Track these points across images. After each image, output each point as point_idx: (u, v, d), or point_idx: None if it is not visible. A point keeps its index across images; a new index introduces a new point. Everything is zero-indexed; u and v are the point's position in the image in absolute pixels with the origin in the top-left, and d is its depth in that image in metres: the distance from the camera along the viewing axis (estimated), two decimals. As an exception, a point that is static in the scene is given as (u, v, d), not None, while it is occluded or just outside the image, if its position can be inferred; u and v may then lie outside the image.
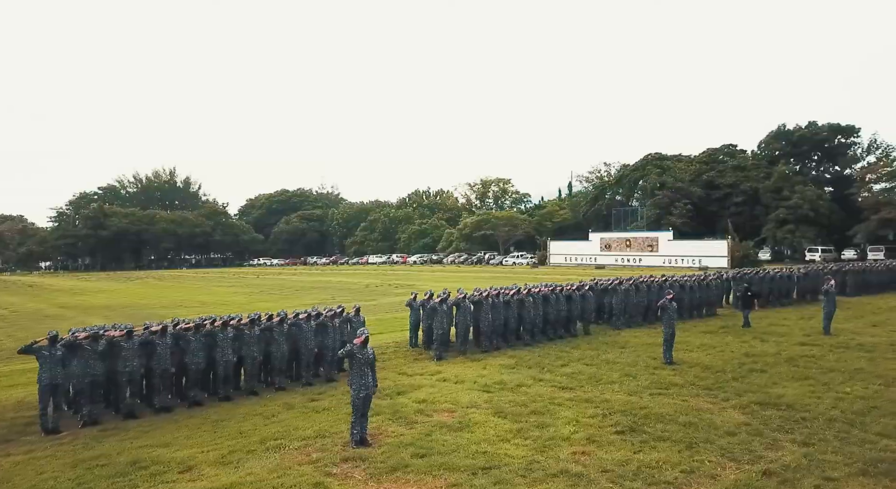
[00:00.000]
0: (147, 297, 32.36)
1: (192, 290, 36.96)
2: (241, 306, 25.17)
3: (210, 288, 39.42)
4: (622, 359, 13.11)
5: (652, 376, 11.48)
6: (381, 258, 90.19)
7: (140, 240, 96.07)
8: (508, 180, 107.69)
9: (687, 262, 53.43)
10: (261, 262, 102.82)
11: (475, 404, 9.78)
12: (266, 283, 42.92)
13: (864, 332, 16.30)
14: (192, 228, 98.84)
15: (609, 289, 18.00)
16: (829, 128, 66.09)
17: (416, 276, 48.86)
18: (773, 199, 62.36)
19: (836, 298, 16.42)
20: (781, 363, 12.49)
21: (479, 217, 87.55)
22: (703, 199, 69.66)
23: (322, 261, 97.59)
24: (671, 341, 12.77)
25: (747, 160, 70.70)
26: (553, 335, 16.08)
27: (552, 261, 65.81)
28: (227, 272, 71.92)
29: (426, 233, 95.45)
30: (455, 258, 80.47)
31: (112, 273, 78.23)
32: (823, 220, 59.61)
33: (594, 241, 63.01)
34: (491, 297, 14.57)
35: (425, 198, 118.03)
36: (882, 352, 13.47)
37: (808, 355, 13.26)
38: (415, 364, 13.13)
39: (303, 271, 69.98)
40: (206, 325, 10.01)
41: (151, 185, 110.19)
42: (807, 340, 15.18)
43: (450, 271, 58.53)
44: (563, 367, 12.43)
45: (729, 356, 13.34)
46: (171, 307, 25.79)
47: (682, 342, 15.18)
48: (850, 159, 65.60)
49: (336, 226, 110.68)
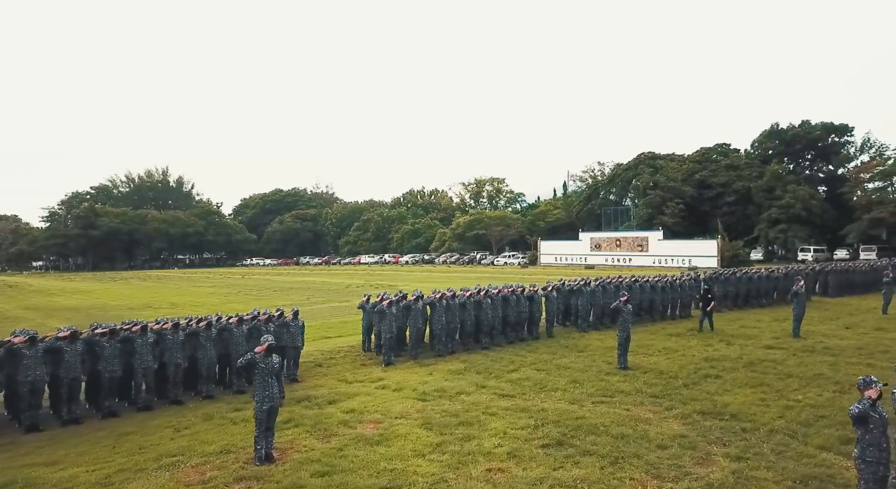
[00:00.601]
0: (120, 299, 31.84)
1: (170, 291, 36.44)
2: (212, 308, 24.70)
3: (190, 289, 38.91)
4: (576, 364, 12.62)
5: (600, 383, 10.99)
6: (373, 258, 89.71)
7: (132, 240, 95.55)
8: (503, 180, 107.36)
9: (677, 262, 52.98)
10: (254, 262, 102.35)
11: (405, 414, 9.28)
12: (248, 284, 42.43)
13: (834, 335, 15.81)
14: (185, 228, 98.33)
15: (575, 290, 17.50)
16: (822, 127, 65.52)
17: (402, 277, 48.37)
18: (766, 199, 61.87)
19: (805, 300, 15.90)
20: (739, 368, 11.99)
21: (472, 217, 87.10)
22: (695, 198, 69.11)
23: (315, 262, 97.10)
24: (626, 345, 12.27)
25: (740, 159, 70.15)
26: (514, 337, 15.59)
27: (543, 261, 65.32)
28: (215, 272, 71.42)
29: (419, 232, 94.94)
30: (447, 258, 79.99)
31: (101, 273, 77.72)
32: (816, 219, 59.06)
33: (584, 241, 62.52)
34: (445, 299, 14.07)
35: (420, 197, 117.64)
36: (846, 357, 12.97)
37: (770, 359, 12.76)
38: (360, 370, 12.63)
39: (292, 271, 69.49)
40: (121, 331, 9.50)
41: (144, 184, 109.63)
42: (774, 343, 14.69)
43: (439, 271, 58.05)
44: (512, 373, 11.94)
45: (688, 360, 12.85)
46: (138, 309, 25.27)
47: (644, 345, 14.75)
48: (844, 158, 65.06)
49: (329, 225, 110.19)
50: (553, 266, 62.23)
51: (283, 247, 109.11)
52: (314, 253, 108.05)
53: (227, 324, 10.63)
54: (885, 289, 20.05)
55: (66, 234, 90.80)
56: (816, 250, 56.69)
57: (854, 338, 15.24)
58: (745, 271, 24.25)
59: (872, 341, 14.77)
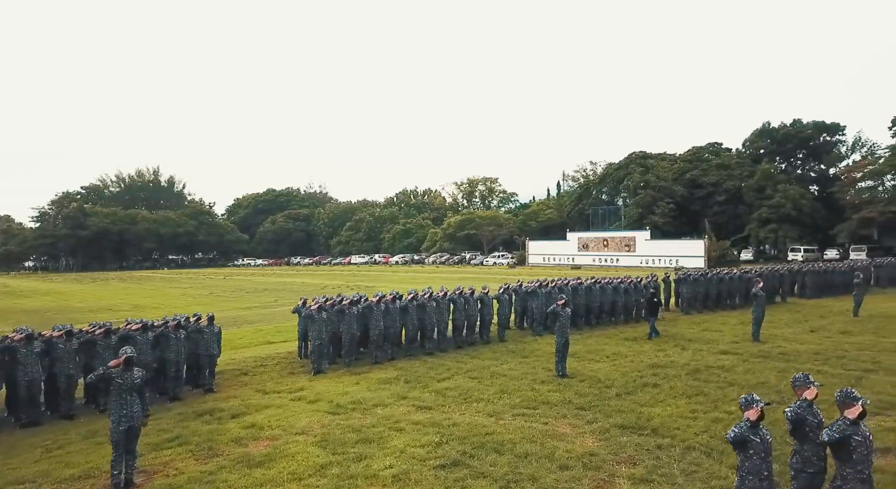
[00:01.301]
0: (88, 300, 31.28)
1: (143, 293, 35.85)
2: (175, 309, 24.17)
3: (165, 290, 38.33)
4: (513, 372, 12.00)
5: (530, 393, 10.36)
6: (363, 258, 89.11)
7: (122, 240, 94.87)
8: (495, 179, 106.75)
9: (664, 262, 52.35)
10: (245, 263, 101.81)
11: (307, 430, 8.66)
12: (226, 285, 41.84)
13: (796, 339, 15.17)
14: (175, 228, 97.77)
15: (529, 292, 16.89)
16: (813, 126, 64.83)
17: (385, 277, 47.77)
18: (756, 198, 61.22)
19: (765, 302, 15.27)
20: (682, 376, 11.37)
21: (463, 216, 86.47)
22: (685, 198, 68.50)
23: (305, 262, 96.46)
24: (564, 351, 11.65)
25: (731, 159, 69.50)
26: (462, 342, 14.97)
27: (531, 261, 64.70)
28: (202, 273, 70.81)
29: (410, 232, 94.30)
30: (437, 258, 79.36)
31: (88, 274, 77.20)
32: (806, 219, 58.40)
33: (572, 241, 61.89)
34: (384, 303, 13.46)
35: (413, 197, 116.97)
36: (800, 363, 12.34)
37: (719, 366, 12.14)
38: (285, 379, 12.00)
39: (278, 272, 68.89)
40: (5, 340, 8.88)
41: (135, 184, 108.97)
42: (730, 348, 14.06)
43: (426, 272, 57.41)
44: (443, 382, 11.32)
45: (632, 367, 12.23)
46: (98, 311, 24.71)
47: (594, 350, 14.18)
48: (835, 158, 64.40)
49: (322, 225, 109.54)
50: (541, 266, 61.61)
51: (276, 247, 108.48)
52: (307, 253, 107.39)
53: (129, 332, 9.98)
54: (855, 291, 19.42)
55: (55, 235, 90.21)
56: (807, 250, 56.02)
57: (815, 343, 14.62)
58: (717, 272, 23.60)
59: (833, 346, 14.14)
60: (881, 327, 16.76)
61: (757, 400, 4.84)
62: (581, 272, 44.43)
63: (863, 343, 14.47)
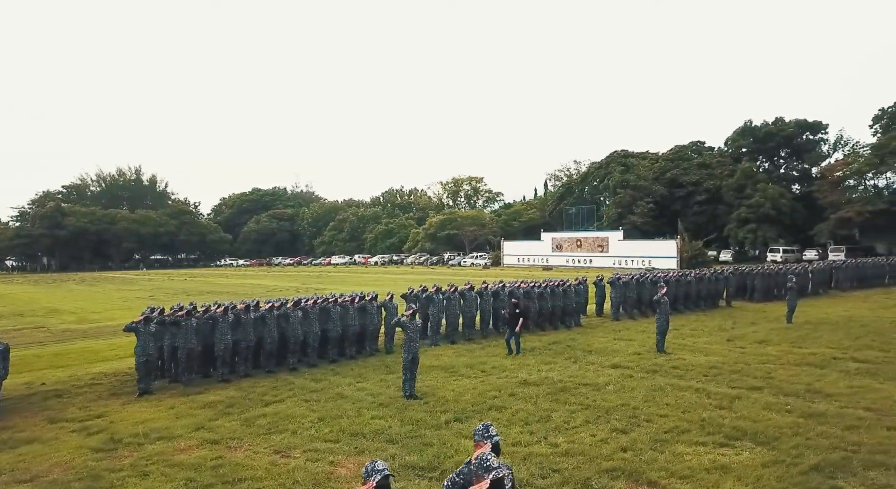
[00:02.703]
0: (16, 303, 29.99)
1: (83, 296, 34.52)
2: (93, 314, 23.25)
3: (111, 292, 37.04)
4: (360, 392, 10.65)
5: (353, 421, 8.97)
6: (343, 259, 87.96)
7: (100, 240, 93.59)
8: (480, 179, 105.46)
9: (637, 263, 51.02)
10: (227, 263, 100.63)
11: (41, 475, 7.34)
12: (176, 287, 40.52)
13: (704, 350, 13.83)
14: (156, 228, 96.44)
15: (428, 298, 15.59)
16: (795, 124, 63.38)
17: (353, 279, 46.41)
18: (736, 198, 59.91)
19: (668, 310, 13.90)
20: (541, 397, 10.03)
21: (444, 216, 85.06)
22: (665, 197, 67.23)
23: (286, 262, 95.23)
24: (412, 369, 10.28)
25: (713, 158, 68.17)
26: (336, 355, 13.65)
27: (506, 262, 63.39)
28: (174, 274, 69.58)
29: (393, 232, 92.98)
30: (416, 259, 78.13)
31: (61, 274, 76.01)
32: (785, 219, 57.05)
33: (546, 242, 60.56)
34: (233, 313, 12.14)
35: (399, 197, 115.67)
36: (688, 379, 11.03)
37: (592, 384, 10.81)
38: (99, 403, 10.57)
39: (249, 273, 67.56)
40: None
41: (117, 183, 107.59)
42: (624, 361, 12.73)
43: (398, 273, 56.08)
44: (268, 406, 9.97)
45: (497, 384, 10.91)
46: (8, 316, 23.56)
47: (477, 363, 12.94)
48: (817, 156, 63.00)
49: (306, 225, 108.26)
50: (515, 267, 60.32)
51: (259, 247, 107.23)
52: (292, 253, 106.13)
53: None
54: (788, 296, 18.09)
55: (31, 234, 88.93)
56: (786, 250, 54.76)
57: (720, 354, 13.28)
58: (649, 274, 22.20)
59: (736, 358, 12.79)
60: (804, 336, 15.43)
61: (491, 435, 3.65)
62: (552, 274, 43.18)
63: (771, 354, 13.15)
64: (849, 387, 10.25)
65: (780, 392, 10.09)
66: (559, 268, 54.57)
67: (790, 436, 7.86)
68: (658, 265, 47.22)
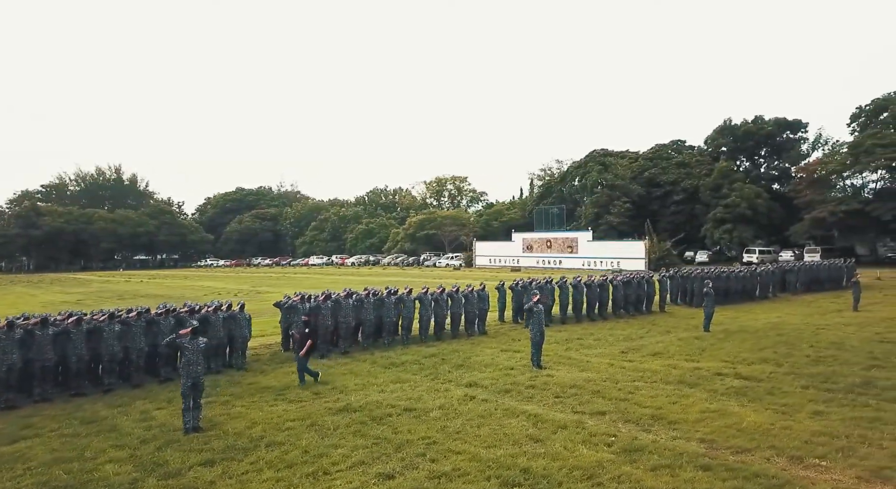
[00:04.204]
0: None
1: (5, 301, 33.14)
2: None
3: (43, 295, 35.77)
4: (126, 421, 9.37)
5: (119, 453, 7.73)
6: (321, 259, 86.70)
7: (78, 240, 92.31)
8: (464, 178, 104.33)
9: (605, 264, 49.72)
10: (208, 264, 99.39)
11: None
12: (122, 289, 39.26)
13: (583, 364, 12.45)
14: (135, 228, 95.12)
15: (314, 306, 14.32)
16: (774, 122, 62.03)
17: (314, 281, 45.02)
18: (713, 197, 58.54)
19: (543, 321, 12.54)
20: (341, 427, 8.70)
21: (423, 216, 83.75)
22: (643, 197, 65.85)
23: (265, 263, 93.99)
24: (190, 395, 8.91)
25: (692, 156, 66.78)
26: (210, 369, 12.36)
27: (478, 262, 62.08)
28: (147, 274, 68.37)
29: (373, 232, 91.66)
30: (392, 259, 76.82)
31: (31, 275, 74.82)
32: (762, 219, 55.70)
33: (517, 242, 59.27)
34: (87, 323, 10.91)
35: (383, 196, 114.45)
36: (532, 402, 9.67)
37: (415, 409, 9.48)
38: None
39: (223, 273, 66.30)
40: None
41: (97, 182, 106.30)
42: (485, 380, 11.37)
43: (361, 274, 54.72)
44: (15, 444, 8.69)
45: (313, 410, 9.59)
46: None
47: (330, 381, 11.57)
48: (796, 155, 61.61)
49: (288, 225, 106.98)
50: (487, 268, 59.01)
51: (242, 247, 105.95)
52: (275, 253, 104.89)
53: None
54: (705, 303, 16.77)
55: (6, 234, 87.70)
56: (762, 251, 53.45)
57: (596, 370, 11.91)
58: (586, 278, 20.83)
59: (609, 375, 11.44)
60: (707, 347, 14.11)
61: None
62: (520, 274, 41.81)
63: (650, 370, 11.81)
64: (700, 412, 8.95)
65: (621, 418, 8.79)
66: (529, 268, 53.24)
67: (579, 480, 6.57)
68: (626, 266, 45.88)
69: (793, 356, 12.97)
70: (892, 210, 45.02)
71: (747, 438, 7.82)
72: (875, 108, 53.20)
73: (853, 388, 10.20)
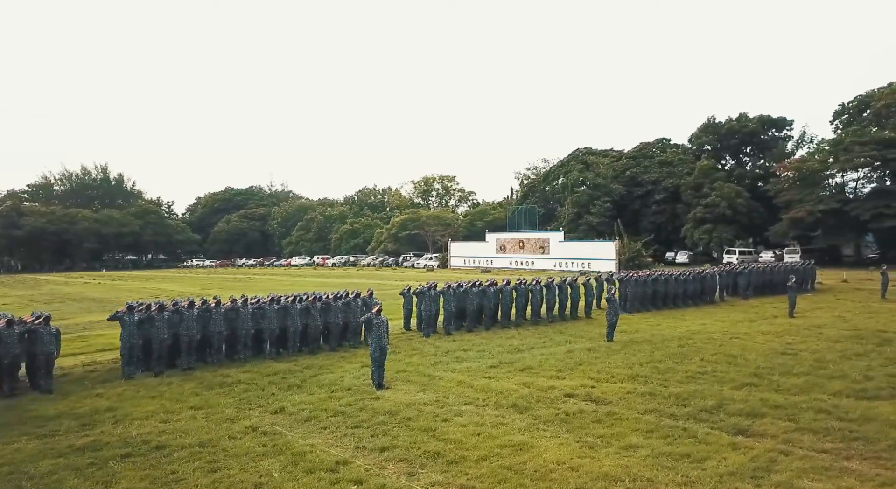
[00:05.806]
0: None
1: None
2: None
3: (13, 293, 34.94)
4: None
5: None
6: (303, 260, 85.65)
7: (61, 240, 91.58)
8: (452, 177, 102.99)
9: (576, 265, 48.24)
10: (194, 264, 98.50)
11: None
12: (74, 292, 38.22)
13: (437, 385, 11.13)
14: (119, 228, 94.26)
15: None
16: (758, 120, 60.28)
17: (274, 283, 43.88)
18: (694, 197, 56.97)
19: (384, 335, 11.19)
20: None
21: (406, 216, 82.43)
22: (624, 196, 64.43)
23: (249, 263, 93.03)
24: None
25: (675, 155, 65.13)
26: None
27: (453, 263, 60.72)
28: (127, 275, 67.50)
29: (357, 232, 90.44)
30: (373, 260, 75.58)
31: (9, 276, 74.10)
32: (743, 218, 54.12)
33: (490, 243, 57.85)
34: None
35: (372, 196, 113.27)
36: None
37: (166, 447, 8.19)
38: None
39: (198, 274, 65.27)
40: None
41: (83, 182, 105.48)
42: (292, 407, 10.10)
43: (334, 275, 53.56)
44: None
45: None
46: None
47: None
48: (780, 153, 59.86)
49: (276, 225, 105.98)
50: (462, 269, 57.65)
51: (230, 247, 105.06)
52: (263, 253, 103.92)
53: None
54: (608, 310, 15.38)
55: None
56: (742, 251, 51.94)
57: (437, 391, 10.57)
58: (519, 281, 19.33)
59: (437, 398, 10.06)
60: (588, 361, 12.68)
61: None
62: (490, 275, 40.45)
63: (494, 391, 10.41)
64: (498, 447, 7.61)
65: (398, 457, 7.43)
66: (501, 269, 51.86)
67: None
68: (597, 267, 44.42)
69: (672, 371, 11.60)
70: (872, 209, 43.41)
71: (517, 482, 6.49)
72: (858, 104, 51.54)
73: (699, 413, 8.84)
